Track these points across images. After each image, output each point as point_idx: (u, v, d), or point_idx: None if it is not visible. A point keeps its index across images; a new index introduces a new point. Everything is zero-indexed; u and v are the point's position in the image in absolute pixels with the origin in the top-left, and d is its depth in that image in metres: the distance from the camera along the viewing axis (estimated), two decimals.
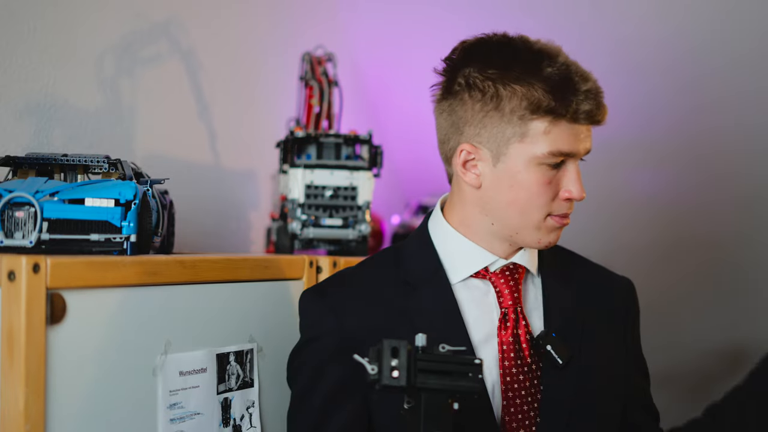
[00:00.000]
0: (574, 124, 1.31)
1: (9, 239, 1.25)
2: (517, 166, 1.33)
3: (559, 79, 1.31)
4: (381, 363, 1.08)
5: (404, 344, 1.08)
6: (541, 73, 1.31)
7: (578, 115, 1.31)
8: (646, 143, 2.50)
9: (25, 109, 1.64)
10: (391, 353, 1.07)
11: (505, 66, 1.32)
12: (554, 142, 1.31)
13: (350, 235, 1.80)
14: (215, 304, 1.42)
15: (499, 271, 1.39)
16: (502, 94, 1.31)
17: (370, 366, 1.08)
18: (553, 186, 1.33)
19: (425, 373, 1.09)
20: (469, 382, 1.11)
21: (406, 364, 1.08)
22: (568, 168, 1.34)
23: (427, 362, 1.09)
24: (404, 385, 1.07)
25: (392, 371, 1.07)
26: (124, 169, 1.42)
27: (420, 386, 1.09)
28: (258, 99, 2.34)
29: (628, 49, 2.38)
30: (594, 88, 1.32)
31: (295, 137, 1.81)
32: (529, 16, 2.42)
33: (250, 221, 2.29)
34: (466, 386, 1.11)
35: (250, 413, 1.46)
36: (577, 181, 1.33)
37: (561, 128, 1.31)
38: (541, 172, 1.32)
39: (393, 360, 1.07)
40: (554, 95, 1.30)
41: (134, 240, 1.32)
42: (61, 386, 1.15)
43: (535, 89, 1.30)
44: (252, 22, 2.34)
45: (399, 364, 1.07)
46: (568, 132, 1.31)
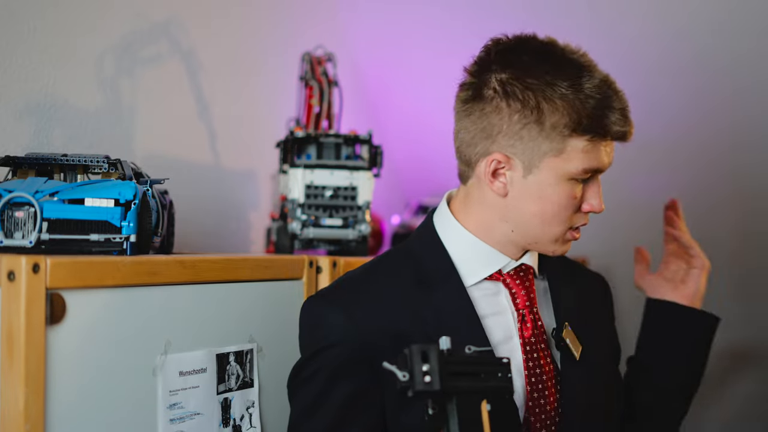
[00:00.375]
0: (607, 141, 1.33)
1: (9, 239, 1.25)
2: (549, 179, 1.31)
3: (600, 97, 1.30)
4: (412, 368, 1.04)
5: (434, 348, 1.05)
6: (582, 89, 1.29)
7: (614, 134, 1.32)
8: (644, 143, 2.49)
9: (25, 109, 1.64)
10: (422, 358, 1.04)
11: (547, 78, 1.29)
12: (591, 160, 1.31)
13: (350, 235, 1.80)
14: (215, 304, 1.42)
15: (512, 272, 1.40)
16: (543, 108, 1.28)
17: (401, 373, 1.04)
18: (578, 199, 1.34)
19: (455, 376, 1.06)
20: (500, 382, 1.10)
21: (438, 368, 1.04)
22: (593, 182, 1.35)
23: (456, 365, 1.07)
24: (438, 389, 1.04)
25: (424, 376, 1.04)
26: (124, 169, 1.42)
27: (453, 390, 1.06)
28: (258, 99, 2.34)
29: (627, 50, 2.38)
30: (626, 106, 1.33)
31: (295, 137, 1.81)
32: (530, 16, 2.42)
33: (250, 221, 2.29)
34: (498, 386, 1.10)
35: (250, 413, 1.46)
36: (599, 194, 1.35)
37: (598, 146, 1.31)
38: (570, 187, 1.32)
39: (424, 365, 1.04)
40: (595, 114, 1.29)
41: (134, 240, 1.32)
42: (61, 386, 1.15)
43: (577, 106, 1.28)
44: (252, 22, 2.34)
45: (431, 369, 1.04)
46: (602, 150, 1.32)
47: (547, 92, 1.28)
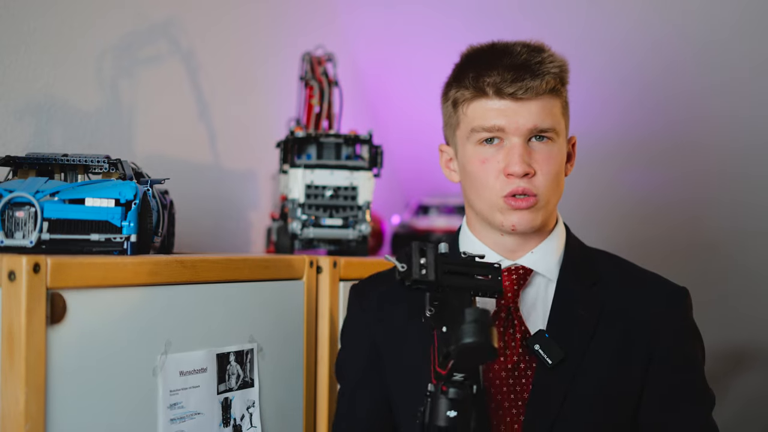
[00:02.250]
0: (493, 99, 1.35)
1: (9, 239, 1.25)
2: (462, 151, 1.41)
3: (480, 59, 1.39)
4: (410, 261, 1.15)
5: (431, 246, 1.17)
6: (471, 59, 1.40)
7: (489, 90, 1.35)
8: (641, 141, 2.50)
9: (25, 109, 1.64)
10: (420, 253, 1.15)
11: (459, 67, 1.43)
12: (473, 119, 1.37)
13: (350, 235, 1.80)
14: (215, 304, 1.42)
15: (505, 270, 1.40)
16: (447, 89, 1.43)
17: (400, 264, 1.15)
18: (493, 164, 1.36)
19: (450, 275, 1.17)
20: (492, 283, 1.20)
21: (434, 262, 1.15)
22: (505, 144, 1.36)
23: (451, 264, 1.17)
24: (432, 280, 1.14)
25: (421, 269, 1.14)
26: (124, 169, 1.42)
27: (447, 284, 1.16)
28: (258, 99, 2.34)
29: (623, 48, 2.38)
30: (514, 62, 1.35)
31: (295, 137, 1.81)
32: (528, 17, 2.42)
33: (250, 221, 2.29)
34: (488, 285, 1.19)
35: (251, 413, 1.46)
36: (513, 156, 1.35)
37: (478, 105, 1.37)
38: (478, 152, 1.38)
39: (422, 259, 1.15)
40: (472, 75, 1.36)
41: (134, 240, 1.32)
42: (61, 386, 1.15)
43: (461, 75, 1.39)
44: (252, 22, 2.34)
45: (427, 262, 1.15)
46: (486, 108, 1.36)
47: (452, 76, 1.43)
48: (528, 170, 1.34)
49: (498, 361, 1.36)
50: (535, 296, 1.41)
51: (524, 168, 1.34)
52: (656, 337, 1.38)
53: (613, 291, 1.41)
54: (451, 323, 1.12)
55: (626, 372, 1.37)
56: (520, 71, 1.34)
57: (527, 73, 1.34)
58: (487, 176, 1.37)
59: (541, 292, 1.42)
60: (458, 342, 1.09)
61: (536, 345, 1.35)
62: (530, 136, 1.36)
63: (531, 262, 1.41)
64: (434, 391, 1.13)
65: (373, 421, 1.46)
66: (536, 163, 1.36)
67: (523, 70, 1.34)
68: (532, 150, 1.36)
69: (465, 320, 1.09)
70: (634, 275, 1.46)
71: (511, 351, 1.37)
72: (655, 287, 1.43)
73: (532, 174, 1.35)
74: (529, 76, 1.33)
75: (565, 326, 1.38)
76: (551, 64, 1.36)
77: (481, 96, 1.36)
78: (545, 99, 1.36)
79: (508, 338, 1.37)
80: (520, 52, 1.36)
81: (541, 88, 1.34)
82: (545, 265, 1.41)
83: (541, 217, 1.38)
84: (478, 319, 1.09)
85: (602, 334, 1.38)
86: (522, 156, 1.34)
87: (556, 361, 1.34)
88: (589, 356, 1.36)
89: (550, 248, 1.42)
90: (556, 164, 1.37)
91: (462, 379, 1.13)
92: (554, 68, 1.36)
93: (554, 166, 1.37)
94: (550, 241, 1.43)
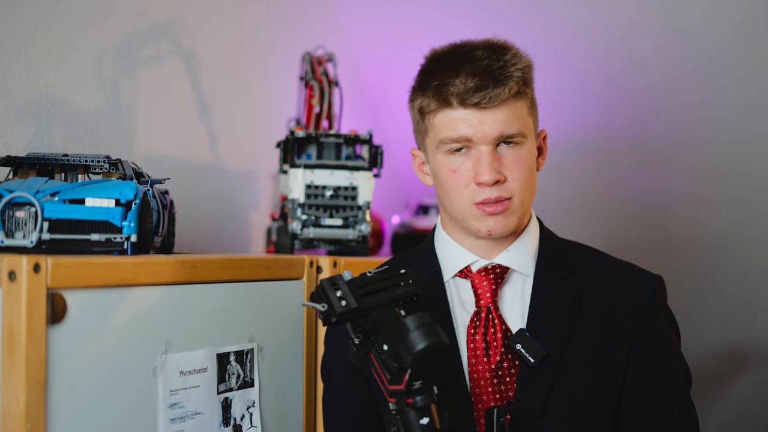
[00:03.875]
0: (457, 109, 1.34)
1: (10, 239, 1.25)
2: (433, 159, 1.41)
3: (442, 68, 1.37)
4: (328, 297, 1.18)
5: (339, 277, 1.20)
6: (434, 67, 1.39)
7: (453, 101, 1.34)
8: (641, 143, 2.50)
9: (25, 109, 1.64)
10: (333, 287, 1.18)
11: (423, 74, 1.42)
12: (440, 130, 1.36)
13: (350, 235, 1.80)
14: (215, 304, 1.42)
15: (483, 270, 1.41)
16: (413, 95, 1.41)
17: (320, 305, 1.17)
18: (463, 173, 1.36)
19: (367, 297, 1.19)
20: (405, 288, 1.22)
21: (349, 291, 1.18)
22: (473, 153, 1.36)
23: (363, 287, 1.20)
24: (355, 306, 1.17)
25: (340, 301, 1.17)
26: (124, 169, 1.42)
27: (369, 306, 1.18)
28: (258, 99, 2.34)
29: (624, 50, 2.38)
30: (476, 69, 1.33)
31: (295, 137, 1.81)
32: (527, 16, 2.43)
33: (250, 221, 2.29)
34: (405, 292, 1.22)
35: (251, 413, 1.46)
36: (482, 164, 1.34)
37: (444, 116, 1.36)
38: (447, 161, 1.38)
39: (337, 292, 1.18)
40: (436, 85, 1.35)
41: (134, 240, 1.32)
42: (61, 386, 1.15)
43: (426, 85, 1.37)
44: (252, 23, 2.34)
45: (344, 293, 1.18)
46: (452, 119, 1.35)
47: (417, 82, 1.41)
48: (498, 177, 1.34)
49: (481, 361, 1.37)
50: (513, 294, 1.42)
51: (494, 176, 1.33)
52: (634, 325, 1.39)
53: (589, 281, 1.42)
54: (391, 339, 1.15)
55: (607, 363, 1.38)
56: (483, 79, 1.32)
57: (490, 81, 1.32)
58: (458, 185, 1.36)
59: (518, 289, 1.42)
60: (412, 352, 1.10)
61: (518, 344, 1.36)
62: (498, 143, 1.35)
63: (507, 259, 1.41)
64: (399, 407, 1.15)
65: (360, 425, 1.44)
66: (506, 169, 1.35)
67: (486, 78, 1.32)
68: (500, 156, 1.35)
69: (410, 329, 1.11)
70: (609, 265, 1.47)
71: (493, 351, 1.37)
72: (630, 276, 1.45)
73: (503, 180, 1.35)
74: (492, 85, 1.32)
75: (545, 322, 1.38)
76: (514, 66, 1.34)
77: (446, 106, 1.35)
78: (510, 104, 1.34)
79: (490, 338, 1.37)
80: (481, 57, 1.34)
81: (504, 95, 1.32)
82: (521, 261, 1.42)
83: (516, 219, 1.38)
84: (421, 324, 1.11)
85: (581, 327, 1.38)
86: (491, 164, 1.33)
87: (538, 359, 1.35)
88: (570, 351, 1.37)
89: (525, 244, 1.43)
90: (526, 166, 1.37)
91: (421, 386, 1.14)
92: (517, 71, 1.34)
93: (524, 169, 1.37)
94: (525, 237, 1.43)
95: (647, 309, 1.40)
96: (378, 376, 1.19)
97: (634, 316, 1.39)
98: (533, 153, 1.39)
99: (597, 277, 1.43)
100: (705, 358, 2.40)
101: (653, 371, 1.39)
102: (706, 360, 2.39)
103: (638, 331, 1.39)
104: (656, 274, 1.45)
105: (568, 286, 1.41)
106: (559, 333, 1.37)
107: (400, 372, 1.14)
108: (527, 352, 1.35)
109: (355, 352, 1.20)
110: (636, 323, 1.39)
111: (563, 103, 2.40)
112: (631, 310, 1.40)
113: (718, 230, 2.48)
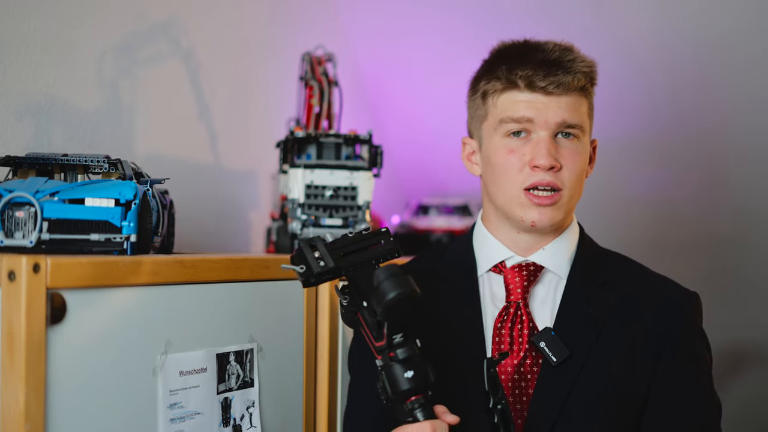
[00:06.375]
0: (524, 92, 1.37)
1: (9, 239, 1.25)
2: (488, 142, 1.42)
3: (512, 54, 1.40)
4: (305, 258, 1.19)
5: (318, 238, 1.22)
6: (503, 55, 1.42)
7: (520, 83, 1.37)
8: (646, 142, 2.50)
9: (25, 109, 1.64)
10: (311, 249, 1.20)
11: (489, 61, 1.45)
12: (503, 110, 1.38)
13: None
14: (215, 304, 1.42)
15: (516, 267, 1.41)
16: (480, 82, 1.44)
17: (299, 267, 1.18)
18: (519, 156, 1.37)
19: (345, 257, 1.21)
20: (385, 246, 1.24)
21: (327, 251, 1.20)
22: (533, 138, 1.37)
23: (343, 247, 1.22)
24: (333, 266, 1.19)
25: (318, 261, 1.19)
26: (124, 169, 1.42)
27: (347, 265, 1.20)
28: (258, 99, 2.34)
29: (629, 49, 2.38)
30: (547, 58, 1.37)
31: (295, 137, 1.81)
32: (530, 17, 2.42)
33: (250, 221, 2.29)
34: (385, 249, 1.24)
35: (250, 413, 1.46)
36: (541, 148, 1.36)
37: (508, 97, 1.38)
38: (504, 143, 1.39)
39: (315, 252, 1.20)
40: (504, 68, 1.38)
41: (134, 240, 1.32)
42: (61, 386, 1.15)
43: (492, 68, 1.41)
44: (252, 22, 2.34)
45: (321, 254, 1.20)
46: (517, 100, 1.37)
47: (482, 70, 1.45)
48: (554, 164, 1.36)
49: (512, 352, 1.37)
50: (545, 293, 1.42)
51: (551, 161, 1.35)
52: (664, 340, 1.37)
53: (623, 292, 1.41)
54: (368, 295, 1.16)
55: (632, 374, 1.36)
56: (552, 67, 1.36)
57: (559, 69, 1.36)
58: (512, 167, 1.38)
59: (551, 289, 1.42)
60: (382, 302, 1.11)
61: (542, 342, 1.35)
62: (557, 131, 1.37)
63: (542, 258, 1.42)
64: (384, 362, 1.16)
65: None
66: (562, 158, 1.37)
67: (555, 66, 1.36)
68: (558, 145, 1.37)
69: (380, 281, 1.12)
70: (644, 278, 1.46)
71: (517, 347, 1.37)
72: (666, 291, 1.43)
73: (558, 168, 1.36)
74: (561, 72, 1.36)
75: (573, 325, 1.38)
76: (582, 63, 1.39)
77: (513, 88, 1.38)
78: (574, 96, 1.38)
79: (516, 334, 1.38)
80: (552, 49, 1.38)
81: (572, 84, 1.36)
82: (556, 262, 1.42)
83: (562, 214, 1.38)
84: (390, 275, 1.12)
85: (609, 334, 1.37)
86: (549, 149, 1.36)
87: (561, 360, 1.34)
88: (595, 356, 1.36)
89: (563, 246, 1.43)
90: (581, 161, 1.39)
91: (403, 339, 1.15)
92: (585, 68, 1.39)
93: (579, 163, 1.39)
94: (563, 239, 1.43)
95: (677, 324, 1.39)
96: (366, 335, 1.20)
97: (664, 330, 1.38)
98: (587, 153, 1.42)
99: (631, 288, 1.42)
100: None
101: (680, 390, 1.37)
102: None
103: (667, 345, 1.37)
104: (692, 291, 1.44)
105: (601, 294, 1.41)
106: (585, 337, 1.37)
107: (379, 327, 1.15)
108: (550, 351, 1.35)
109: (344, 313, 1.22)
110: (665, 338, 1.38)
111: None
112: (663, 324, 1.39)
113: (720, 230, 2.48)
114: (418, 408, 1.16)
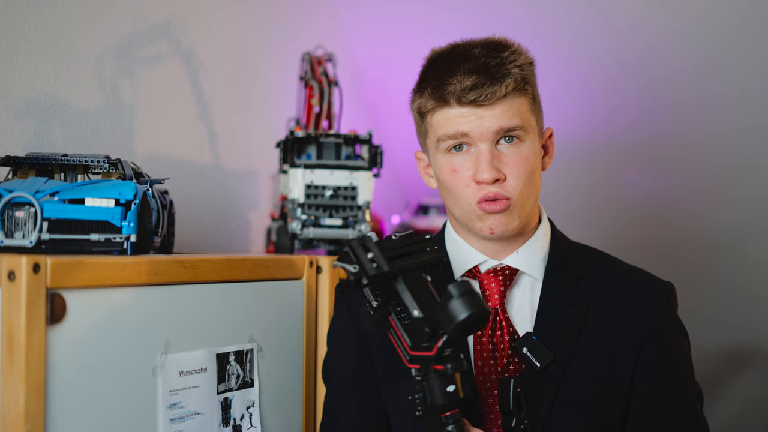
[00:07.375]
0: (455, 108, 1.33)
1: (9, 239, 1.25)
2: (434, 160, 1.40)
3: (438, 66, 1.37)
4: (359, 259, 1.15)
5: (369, 239, 1.18)
6: (431, 69, 1.38)
7: (449, 99, 1.33)
8: (645, 143, 2.50)
9: (25, 109, 1.64)
10: (364, 249, 1.16)
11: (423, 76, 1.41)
12: (438, 128, 1.36)
13: (350, 235, 1.80)
14: (215, 304, 1.42)
15: (491, 271, 1.40)
16: (413, 98, 1.41)
17: (352, 266, 1.15)
18: (462, 173, 1.35)
19: (395, 260, 1.17)
20: (431, 254, 1.21)
21: (380, 253, 1.16)
22: (473, 152, 1.34)
23: (392, 250, 1.18)
24: (387, 270, 1.15)
25: (372, 263, 1.15)
26: (124, 169, 1.42)
27: (398, 269, 1.17)
28: (258, 99, 2.34)
29: (626, 48, 2.38)
30: (474, 68, 1.32)
31: (295, 137, 1.81)
32: (528, 16, 2.43)
33: (250, 221, 2.29)
34: (431, 258, 1.21)
35: (250, 413, 1.46)
36: (481, 162, 1.33)
37: (441, 114, 1.35)
38: (445, 161, 1.37)
39: (368, 254, 1.16)
40: (434, 84, 1.35)
41: (134, 240, 1.32)
42: (61, 386, 1.15)
43: (425, 85, 1.37)
44: (252, 22, 2.34)
45: (375, 256, 1.16)
46: (449, 116, 1.34)
47: (417, 85, 1.41)
48: (498, 176, 1.32)
49: (488, 364, 1.36)
50: (522, 297, 1.40)
51: (493, 174, 1.32)
52: (643, 332, 1.38)
53: (598, 286, 1.41)
54: (424, 305, 1.14)
55: (614, 370, 1.37)
56: (480, 76, 1.31)
57: (486, 79, 1.31)
58: (459, 185, 1.35)
59: (527, 292, 1.41)
60: (455, 320, 1.09)
61: (524, 348, 1.34)
62: (498, 138, 1.33)
63: (516, 261, 1.40)
64: (425, 373, 1.14)
65: (366, 421, 1.42)
66: (506, 167, 1.33)
67: (483, 75, 1.31)
68: (501, 154, 1.33)
69: (453, 296, 1.10)
70: (619, 270, 1.45)
71: (500, 354, 1.36)
72: (640, 282, 1.43)
73: (503, 179, 1.33)
74: (488, 82, 1.31)
75: (553, 327, 1.37)
76: (512, 64, 1.33)
77: (444, 105, 1.34)
78: (509, 100, 1.32)
79: (497, 341, 1.36)
80: (478, 55, 1.33)
81: (501, 92, 1.31)
82: (530, 264, 1.40)
83: (517, 219, 1.36)
84: (464, 292, 1.10)
85: (589, 332, 1.37)
86: (490, 162, 1.32)
87: (544, 364, 1.33)
88: (577, 356, 1.35)
89: (535, 247, 1.41)
90: (528, 165, 1.35)
91: (451, 353, 1.14)
92: (515, 69, 1.32)
93: (526, 168, 1.34)
94: (535, 239, 1.42)
95: (655, 315, 1.39)
96: (397, 340, 1.18)
97: (642, 322, 1.38)
98: (536, 152, 1.37)
99: (606, 282, 1.42)
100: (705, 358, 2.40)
101: (662, 380, 1.37)
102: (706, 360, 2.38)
103: (646, 337, 1.38)
104: (667, 281, 1.43)
105: (578, 291, 1.40)
106: (567, 338, 1.36)
107: (432, 338, 1.12)
108: (534, 357, 1.33)
109: (373, 315, 1.19)
110: (644, 330, 1.38)
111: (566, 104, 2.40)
112: (640, 316, 1.38)
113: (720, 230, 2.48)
114: (452, 423, 1.15)
